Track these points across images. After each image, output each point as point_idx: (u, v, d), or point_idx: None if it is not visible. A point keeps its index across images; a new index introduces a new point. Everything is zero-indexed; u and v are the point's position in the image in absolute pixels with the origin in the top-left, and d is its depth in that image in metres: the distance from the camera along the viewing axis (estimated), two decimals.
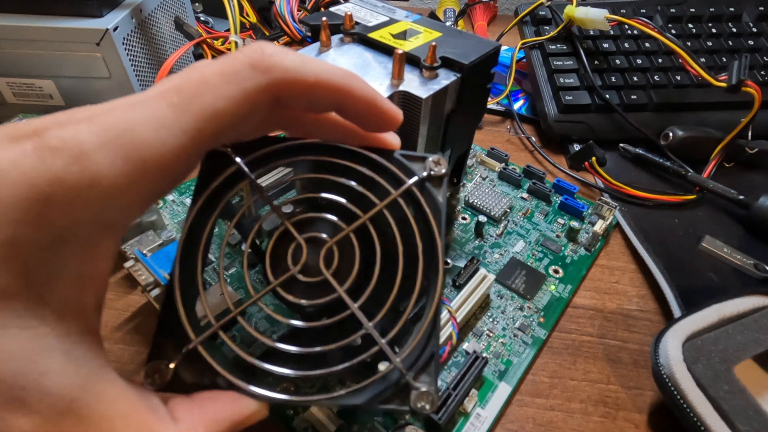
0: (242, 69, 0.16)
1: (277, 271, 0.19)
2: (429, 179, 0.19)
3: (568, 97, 0.46)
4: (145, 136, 0.14)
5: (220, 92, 0.15)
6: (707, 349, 0.25)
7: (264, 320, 0.29)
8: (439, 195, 0.19)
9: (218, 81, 0.15)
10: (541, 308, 0.31)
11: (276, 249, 0.19)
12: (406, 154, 0.20)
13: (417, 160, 0.20)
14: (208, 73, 0.16)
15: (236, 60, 0.16)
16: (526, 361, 0.28)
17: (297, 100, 0.17)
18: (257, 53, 0.16)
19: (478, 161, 0.43)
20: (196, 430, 0.15)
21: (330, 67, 0.18)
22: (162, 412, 0.15)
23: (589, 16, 0.45)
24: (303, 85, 0.17)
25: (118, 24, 0.39)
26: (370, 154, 0.19)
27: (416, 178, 0.19)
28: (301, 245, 0.19)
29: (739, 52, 0.48)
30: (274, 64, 0.16)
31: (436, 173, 0.19)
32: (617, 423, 0.26)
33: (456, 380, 0.25)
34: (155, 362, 0.17)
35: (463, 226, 0.36)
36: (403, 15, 0.31)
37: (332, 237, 0.19)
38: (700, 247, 0.36)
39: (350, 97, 0.18)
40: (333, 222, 0.19)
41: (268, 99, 0.17)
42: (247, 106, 0.16)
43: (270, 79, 0.16)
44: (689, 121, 0.44)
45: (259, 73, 0.16)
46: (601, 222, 0.35)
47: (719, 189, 0.39)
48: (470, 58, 0.26)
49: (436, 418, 0.24)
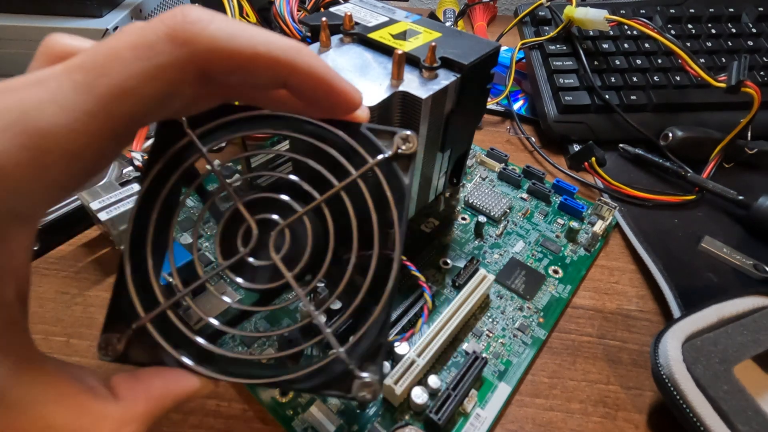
0: (157, 41, 0.14)
1: (228, 252, 0.18)
2: (396, 158, 0.18)
3: (567, 97, 0.46)
4: (44, 120, 0.13)
5: (129, 69, 0.13)
6: (707, 349, 0.25)
7: (263, 320, 0.29)
8: (406, 176, 0.18)
9: (129, 56, 0.13)
10: (540, 308, 0.31)
11: (227, 230, 0.18)
12: (374, 128, 0.18)
13: (385, 135, 0.18)
14: (120, 46, 0.13)
15: (152, 30, 0.14)
16: (525, 361, 0.28)
17: (229, 76, 0.15)
18: (177, 21, 0.14)
19: (477, 161, 0.43)
20: (136, 407, 0.16)
21: (270, 36, 0.15)
22: (100, 390, 0.16)
23: (588, 16, 0.45)
24: (234, 58, 0.14)
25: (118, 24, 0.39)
26: (332, 129, 0.18)
27: (381, 156, 0.18)
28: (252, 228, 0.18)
29: (738, 53, 0.48)
30: (197, 33, 0.14)
31: (405, 151, 0.18)
32: (617, 423, 0.26)
33: (455, 380, 0.25)
34: (107, 335, 0.17)
35: (463, 227, 0.36)
36: (402, 15, 0.31)
37: (286, 219, 0.18)
38: (700, 248, 0.36)
39: (295, 74, 0.16)
40: (287, 203, 0.18)
41: (192, 75, 0.14)
42: (163, 84, 0.14)
43: (191, 53, 0.14)
44: (689, 122, 0.44)
45: (178, 45, 0.14)
46: (601, 222, 0.35)
47: (719, 189, 0.39)
48: (470, 58, 0.26)
49: (435, 418, 0.24)
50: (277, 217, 0.18)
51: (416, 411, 0.25)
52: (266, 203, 0.19)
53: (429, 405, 0.25)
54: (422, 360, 0.25)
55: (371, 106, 0.23)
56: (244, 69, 0.15)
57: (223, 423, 0.25)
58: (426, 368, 0.26)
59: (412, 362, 0.25)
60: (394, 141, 0.18)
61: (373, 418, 0.25)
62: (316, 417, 0.24)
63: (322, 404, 0.25)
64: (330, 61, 0.26)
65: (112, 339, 0.17)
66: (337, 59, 0.27)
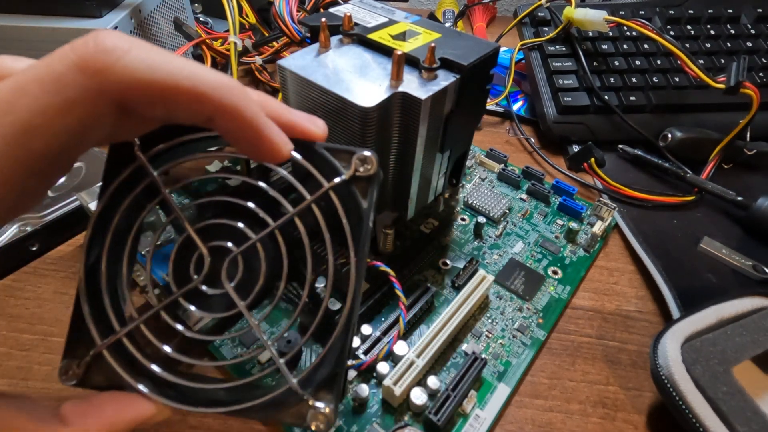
0: (66, 72, 0.13)
1: (181, 280, 0.18)
2: (353, 180, 0.17)
3: (567, 98, 0.46)
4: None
5: (36, 105, 0.12)
6: (706, 350, 0.25)
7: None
8: (365, 200, 0.17)
9: (36, 90, 0.12)
10: (540, 309, 0.31)
11: (180, 257, 0.18)
12: (331, 148, 0.17)
13: (343, 155, 0.17)
14: (26, 81, 0.13)
15: (60, 60, 0.13)
16: (525, 362, 0.28)
17: (148, 108, 0.14)
18: (88, 50, 0.13)
19: (477, 162, 0.43)
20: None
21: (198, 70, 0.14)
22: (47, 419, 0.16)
23: (588, 17, 0.45)
24: (152, 91, 0.13)
25: (117, 24, 0.39)
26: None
27: (338, 180, 0.17)
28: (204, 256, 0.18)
29: (737, 54, 0.48)
30: (111, 63, 0.13)
31: (363, 173, 0.17)
32: (616, 424, 0.26)
33: (455, 381, 0.25)
34: (67, 361, 0.17)
35: (462, 227, 0.36)
36: (402, 16, 0.31)
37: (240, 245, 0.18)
38: (699, 248, 0.36)
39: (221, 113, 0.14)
40: (240, 230, 0.18)
41: (107, 108, 0.13)
42: (74, 118, 0.13)
43: (102, 84, 0.13)
44: (688, 123, 0.45)
45: (88, 76, 0.13)
46: (600, 223, 0.35)
47: (718, 190, 0.39)
48: (469, 59, 0.26)
49: (434, 419, 0.24)
50: (230, 244, 0.18)
51: (415, 412, 0.25)
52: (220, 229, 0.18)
53: (428, 406, 0.25)
54: (421, 361, 0.25)
55: (371, 107, 0.23)
56: (165, 102, 0.14)
57: (221, 424, 0.25)
58: (425, 369, 0.26)
59: (411, 363, 0.25)
60: (352, 162, 0.17)
61: (373, 419, 0.25)
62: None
63: None
64: (329, 61, 0.26)
65: (72, 365, 0.17)
66: (337, 60, 0.27)
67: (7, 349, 0.27)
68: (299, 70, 0.26)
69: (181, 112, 0.14)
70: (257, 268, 0.18)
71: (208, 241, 0.18)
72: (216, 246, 0.18)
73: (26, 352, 0.27)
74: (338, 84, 0.25)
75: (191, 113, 0.14)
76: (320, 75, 0.25)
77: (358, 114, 0.24)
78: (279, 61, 0.26)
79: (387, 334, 0.27)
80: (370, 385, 0.26)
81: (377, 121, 0.24)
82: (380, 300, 0.30)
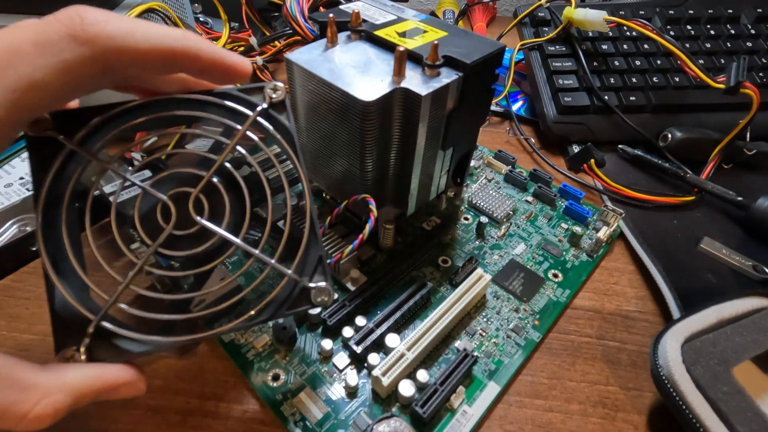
0: (59, 40, 0.15)
1: (153, 233, 0.19)
2: (272, 106, 0.21)
3: (567, 98, 0.46)
4: None
5: (35, 63, 0.15)
6: (706, 350, 0.25)
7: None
8: (285, 119, 0.21)
9: (32, 51, 0.15)
10: (537, 311, 0.31)
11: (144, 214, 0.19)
12: (244, 88, 0.21)
13: (255, 91, 0.21)
14: (20, 41, 0.15)
15: (52, 28, 0.15)
16: (517, 362, 0.28)
17: (129, 68, 0.17)
18: (76, 22, 0.15)
19: (485, 163, 0.43)
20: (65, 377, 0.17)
21: (161, 29, 0.17)
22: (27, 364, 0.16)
23: (588, 17, 0.45)
24: (133, 53, 0.16)
25: None
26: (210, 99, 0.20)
27: (259, 108, 0.20)
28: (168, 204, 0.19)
29: (737, 54, 0.48)
30: (97, 34, 0.15)
31: (276, 99, 0.21)
32: (616, 424, 0.26)
33: (443, 376, 0.25)
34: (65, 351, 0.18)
35: (465, 226, 0.36)
36: (411, 14, 0.31)
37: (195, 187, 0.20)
38: (699, 249, 0.36)
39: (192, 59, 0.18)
40: (192, 173, 0.20)
41: (95, 70, 0.16)
42: (69, 78, 0.15)
43: (94, 51, 0.15)
44: (688, 123, 0.45)
45: (80, 44, 0.15)
46: (606, 228, 0.35)
47: (718, 190, 0.39)
48: (473, 57, 0.26)
49: (420, 411, 0.24)
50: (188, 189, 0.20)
51: (403, 404, 0.25)
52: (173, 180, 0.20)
53: (416, 398, 0.25)
54: (412, 354, 0.25)
55: (371, 101, 0.23)
56: (144, 61, 0.17)
57: (222, 424, 0.25)
58: (416, 362, 0.26)
59: (401, 355, 0.25)
60: (265, 93, 0.21)
61: (360, 408, 0.25)
62: (304, 404, 0.25)
63: (311, 391, 0.25)
64: (335, 56, 0.27)
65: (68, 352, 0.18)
66: (342, 55, 0.27)
67: (7, 349, 0.27)
68: (305, 64, 0.26)
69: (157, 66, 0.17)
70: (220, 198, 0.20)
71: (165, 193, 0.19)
72: (176, 194, 0.19)
73: (26, 352, 0.27)
74: (341, 78, 0.25)
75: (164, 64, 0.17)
76: (325, 69, 0.26)
77: (359, 108, 0.24)
78: (287, 54, 0.27)
79: (380, 326, 0.27)
80: (361, 375, 0.26)
81: (378, 115, 0.25)
82: (376, 293, 0.30)
